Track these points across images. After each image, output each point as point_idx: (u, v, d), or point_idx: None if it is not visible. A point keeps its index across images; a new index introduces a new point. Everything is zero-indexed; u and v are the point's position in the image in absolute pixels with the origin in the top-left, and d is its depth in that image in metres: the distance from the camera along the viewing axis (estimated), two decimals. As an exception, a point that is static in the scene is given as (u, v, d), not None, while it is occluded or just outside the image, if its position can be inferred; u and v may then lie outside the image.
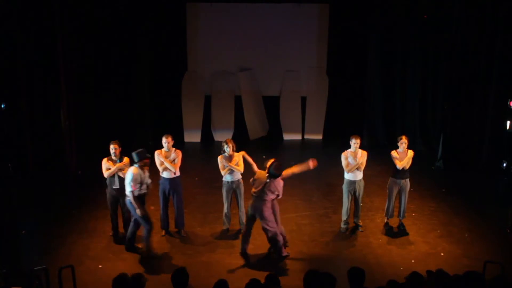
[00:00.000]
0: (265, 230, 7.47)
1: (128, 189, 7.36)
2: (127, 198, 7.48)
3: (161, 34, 13.62)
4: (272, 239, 7.47)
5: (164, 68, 14.02)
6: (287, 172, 7.47)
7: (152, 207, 8.50)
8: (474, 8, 11.29)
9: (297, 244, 8.11)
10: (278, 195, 7.45)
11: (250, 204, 7.54)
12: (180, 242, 8.21)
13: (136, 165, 7.44)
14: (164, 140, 8.20)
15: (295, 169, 7.54)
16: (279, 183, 7.38)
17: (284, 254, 7.53)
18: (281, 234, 7.66)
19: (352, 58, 13.93)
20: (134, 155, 7.48)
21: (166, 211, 8.38)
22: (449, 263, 7.40)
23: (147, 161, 7.55)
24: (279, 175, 7.31)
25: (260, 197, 7.36)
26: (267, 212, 7.40)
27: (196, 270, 7.17)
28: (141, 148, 7.64)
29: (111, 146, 7.97)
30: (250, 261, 7.59)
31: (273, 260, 7.58)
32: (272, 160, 7.32)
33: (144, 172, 7.52)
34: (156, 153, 8.16)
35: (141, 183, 7.46)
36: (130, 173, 7.38)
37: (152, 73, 13.77)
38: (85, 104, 11.89)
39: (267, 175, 7.31)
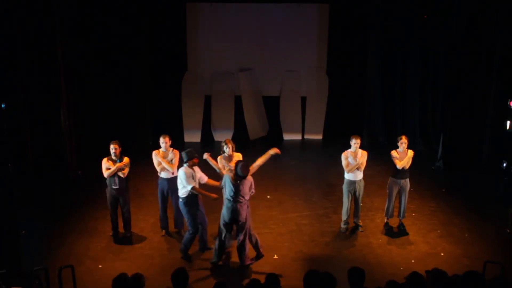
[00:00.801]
0: (246, 235, 7.29)
1: (188, 188, 7.32)
2: (180, 201, 7.48)
3: (161, 34, 13.62)
4: (243, 244, 7.26)
5: (164, 68, 14.01)
6: (252, 167, 7.28)
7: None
8: (474, 7, 11.29)
9: (297, 244, 8.12)
10: (252, 192, 7.29)
11: (227, 208, 7.19)
12: (180, 242, 8.18)
13: (185, 165, 7.40)
14: (161, 140, 8.21)
15: (259, 162, 7.40)
16: (249, 180, 7.15)
17: (248, 263, 7.32)
18: (254, 236, 7.43)
19: (352, 58, 13.93)
20: (183, 154, 7.45)
21: (165, 211, 8.38)
22: (449, 263, 7.40)
23: (196, 160, 7.47)
24: (246, 174, 7.07)
25: (237, 201, 7.10)
26: (245, 215, 7.20)
27: (196, 270, 7.18)
28: (189, 148, 7.62)
29: (111, 146, 7.98)
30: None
31: (273, 260, 7.58)
32: (235, 161, 7.17)
33: (194, 171, 7.46)
34: (154, 153, 8.18)
35: (194, 180, 7.42)
36: (182, 172, 7.33)
37: (152, 73, 13.77)
38: (85, 104, 11.88)
39: (235, 177, 7.05)
